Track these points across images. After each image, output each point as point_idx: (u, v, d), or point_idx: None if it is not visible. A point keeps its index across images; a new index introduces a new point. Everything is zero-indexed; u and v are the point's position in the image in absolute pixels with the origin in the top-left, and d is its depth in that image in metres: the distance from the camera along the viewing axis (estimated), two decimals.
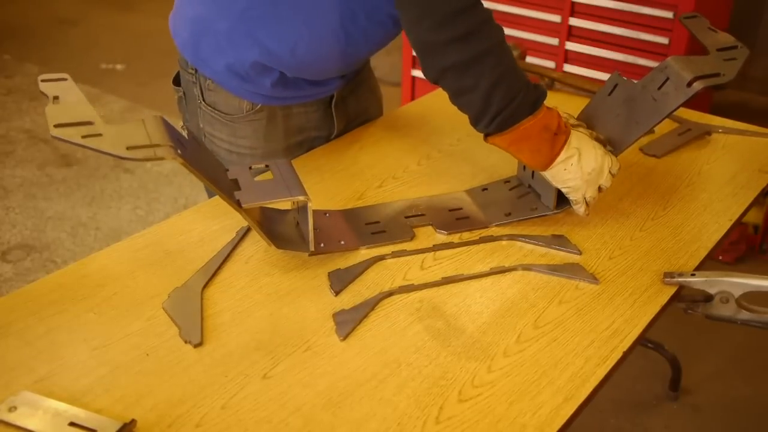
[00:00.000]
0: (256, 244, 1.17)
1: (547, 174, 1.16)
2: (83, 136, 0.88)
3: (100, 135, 0.89)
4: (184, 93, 1.42)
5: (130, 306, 1.04)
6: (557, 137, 1.12)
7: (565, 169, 1.13)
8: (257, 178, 1.12)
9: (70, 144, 0.88)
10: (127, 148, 0.89)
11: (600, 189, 1.17)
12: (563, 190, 1.17)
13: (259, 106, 1.35)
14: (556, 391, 0.90)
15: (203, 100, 1.38)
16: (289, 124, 1.39)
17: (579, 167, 1.13)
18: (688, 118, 1.57)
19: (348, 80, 1.44)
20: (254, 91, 1.30)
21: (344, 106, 1.47)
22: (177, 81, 1.44)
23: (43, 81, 0.98)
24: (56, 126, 0.88)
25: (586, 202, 1.17)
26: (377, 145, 1.49)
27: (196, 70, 1.36)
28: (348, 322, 1.00)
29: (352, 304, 1.04)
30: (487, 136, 1.16)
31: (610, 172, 1.16)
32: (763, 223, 2.55)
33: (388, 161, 1.42)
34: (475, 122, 1.14)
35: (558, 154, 1.13)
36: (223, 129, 1.37)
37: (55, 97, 0.94)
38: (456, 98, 1.13)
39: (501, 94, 1.08)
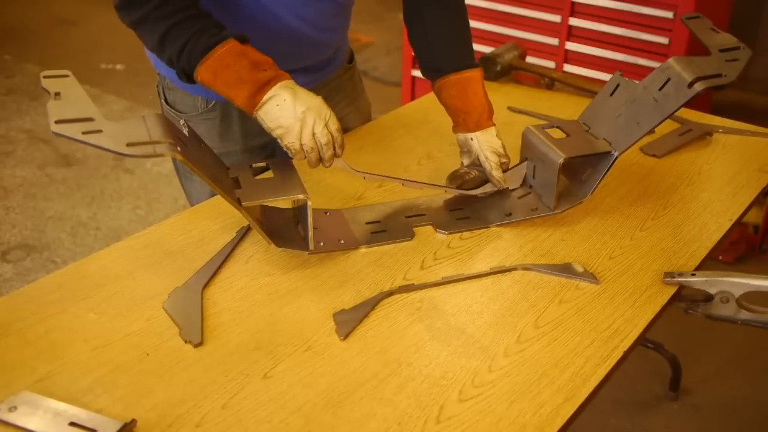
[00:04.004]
0: (256, 244, 1.16)
1: (260, 113, 1.11)
2: (84, 132, 0.88)
3: (100, 131, 0.89)
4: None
5: (130, 306, 1.04)
6: (264, 71, 1.10)
7: (277, 105, 1.10)
8: (258, 177, 1.12)
9: (70, 140, 0.88)
10: (127, 145, 0.89)
11: (315, 137, 1.11)
12: (277, 135, 1.12)
13: (212, 103, 1.36)
14: (556, 390, 0.90)
15: (165, 101, 1.42)
16: (248, 126, 1.37)
17: (293, 105, 1.09)
18: (689, 119, 1.57)
19: (315, 80, 1.40)
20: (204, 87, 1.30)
21: None
22: None
23: (45, 77, 0.98)
24: (57, 122, 0.89)
25: (303, 150, 1.12)
26: (377, 145, 1.49)
27: (159, 72, 1.40)
28: (348, 322, 1.00)
29: (352, 303, 1.04)
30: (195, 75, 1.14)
31: (327, 126, 1.11)
32: (763, 223, 2.55)
33: (388, 161, 1.42)
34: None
35: (266, 85, 1.10)
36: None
37: (57, 94, 0.94)
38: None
39: (170, 47, 1.12)
